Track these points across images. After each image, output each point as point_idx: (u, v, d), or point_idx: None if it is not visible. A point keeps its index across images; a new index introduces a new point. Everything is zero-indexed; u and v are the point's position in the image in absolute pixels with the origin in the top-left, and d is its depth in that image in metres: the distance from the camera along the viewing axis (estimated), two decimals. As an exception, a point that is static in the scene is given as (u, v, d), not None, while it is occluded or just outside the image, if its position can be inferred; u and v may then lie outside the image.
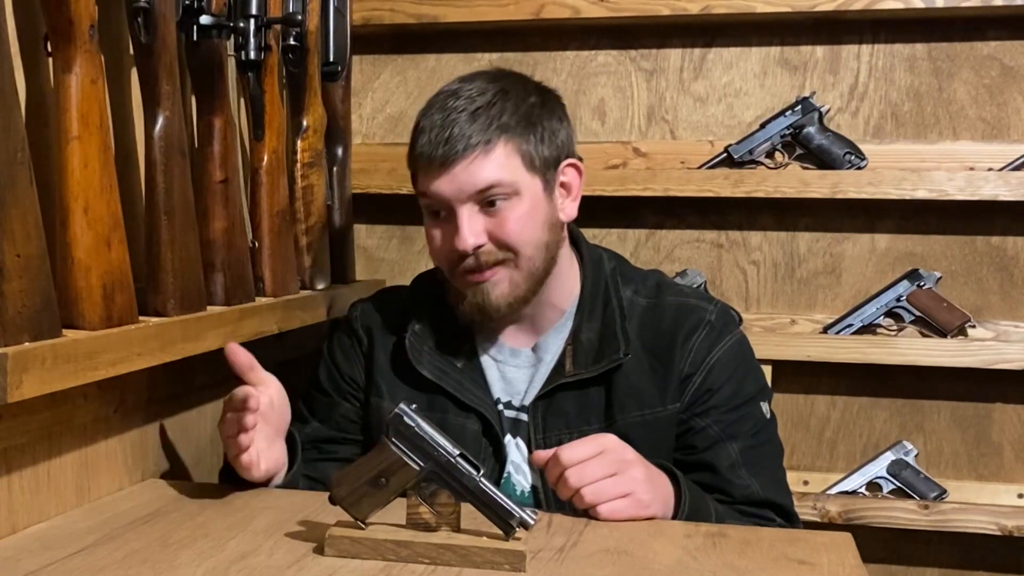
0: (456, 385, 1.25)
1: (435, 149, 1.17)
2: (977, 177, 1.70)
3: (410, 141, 1.23)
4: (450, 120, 1.17)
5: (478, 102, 1.19)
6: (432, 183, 1.18)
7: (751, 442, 1.23)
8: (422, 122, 1.21)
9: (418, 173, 1.22)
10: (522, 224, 1.19)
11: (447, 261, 1.22)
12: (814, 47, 1.83)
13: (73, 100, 1.01)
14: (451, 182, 1.17)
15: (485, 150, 1.17)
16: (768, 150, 1.81)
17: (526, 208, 1.19)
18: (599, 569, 0.94)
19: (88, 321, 1.02)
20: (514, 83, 1.24)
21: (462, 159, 1.16)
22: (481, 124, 1.17)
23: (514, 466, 1.25)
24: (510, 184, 1.18)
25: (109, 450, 1.16)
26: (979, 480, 1.81)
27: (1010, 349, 1.70)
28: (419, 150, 1.20)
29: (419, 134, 1.21)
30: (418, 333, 1.28)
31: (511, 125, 1.19)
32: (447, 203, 1.19)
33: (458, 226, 1.18)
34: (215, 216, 1.27)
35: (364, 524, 0.95)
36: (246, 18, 1.32)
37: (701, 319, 1.26)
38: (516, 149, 1.19)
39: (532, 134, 1.20)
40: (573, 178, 1.26)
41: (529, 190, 1.20)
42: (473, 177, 1.17)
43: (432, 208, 1.22)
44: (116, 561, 0.92)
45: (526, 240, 1.20)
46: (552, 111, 1.24)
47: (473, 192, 1.17)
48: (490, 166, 1.17)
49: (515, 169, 1.18)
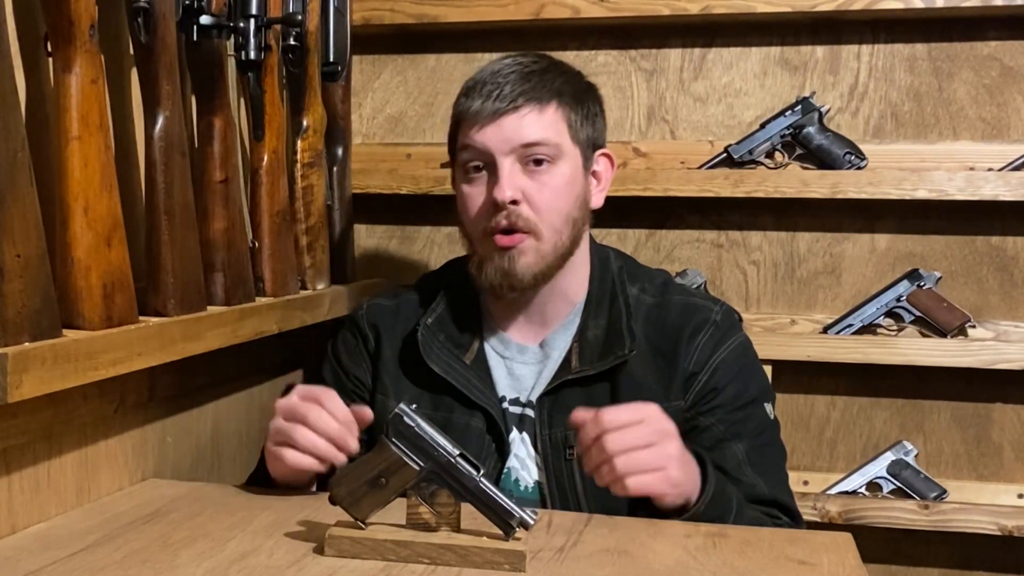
0: (463, 381, 1.26)
1: (486, 101, 1.20)
2: (977, 177, 1.70)
3: (455, 103, 1.26)
4: (504, 78, 1.21)
5: (532, 68, 1.23)
6: (478, 133, 1.20)
7: (755, 443, 1.23)
8: (468, 86, 1.24)
9: (462, 126, 1.23)
10: (559, 192, 1.21)
11: (479, 219, 1.23)
12: (814, 47, 1.83)
13: (73, 100, 1.01)
14: (498, 132, 1.19)
15: (539, 107, 1.20)
16: (768, 150, 1.81)
17: (566, 178, 1.22)
18: (599, 569, 0.94)
19: (88, 321, 1.02)
20: (567, 66, 1.29)
21: (514, 112, 1.19)
22: (535, 84, 1.21)
23: (519, 461, 1.26)
24: (556, 145, 1.20)
25: (109, 450, 1.16)
26: (979, 480, 1.81)
27: (1010, 349, 1.70)
28: (467, 104, 1.22)
29: (467, 93, 1.23)
30: (430, 327, 1.29)
31: (564, 92, 1.23)
32: (490, 155, 1.20)
33: (498, 178, 1.19)
34: (215, 216, 1.27)
35: (364, 524, 0.95)
36: (246, 18, 1.32)
37: (707, 319, 1.26)
38: (565, 116, 1.22)
39: (580, 108, 1.24)
40: (605, 168, 1.30)
41: (570, 160, 1.23)
42: (523, 130, 1.19)
43: (472, 162, 1.23)
44: (116, 561, 0.92)
45: (559, 209, 1.21)
46: (596, 99, 1.30)
47: (519, 144, 1.19)
48: (541, 123, 1.20)
49: (562, 133, 1.22)
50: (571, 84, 1.25)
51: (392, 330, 1.32)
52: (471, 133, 1.21)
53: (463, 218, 1.27)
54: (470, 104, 1.22)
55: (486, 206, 1.21)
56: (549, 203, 1.21)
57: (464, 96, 1.24)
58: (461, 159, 1.24)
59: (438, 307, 1.31)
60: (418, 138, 1.98)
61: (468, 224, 1.26)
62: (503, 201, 1.19)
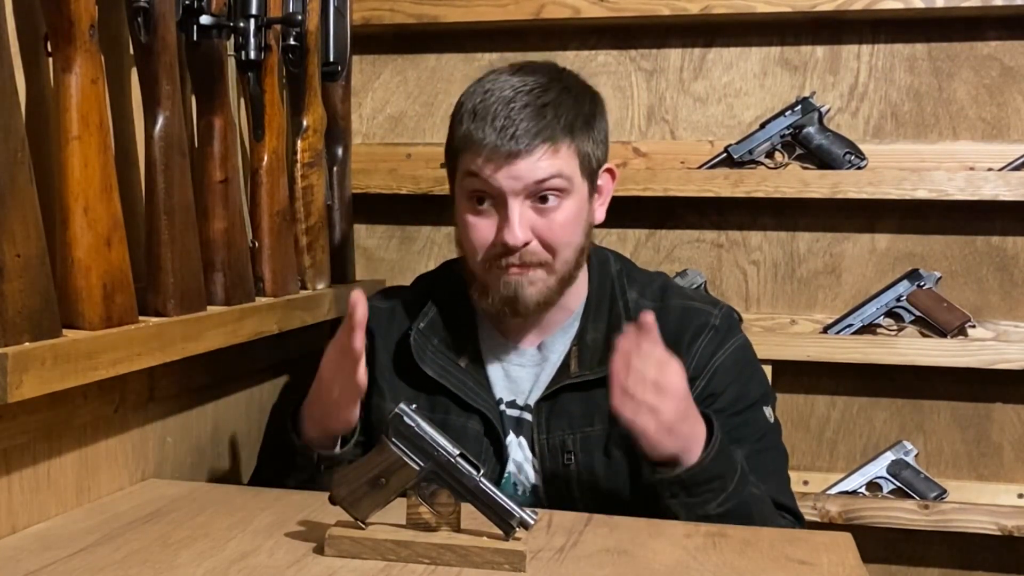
0: (459, 384, 1.25)
1: (500, 137, 1.15)
2: (977, 177, 1.70)
3: (457, 121, 1.21)
4: (518, 113, 1.16)
5: (543, 99, 1.18)
6: (489, 170, 1.16)
7: (756, 447, 1.22)
8: (477, 108, 1.18)
9: (468, 150, 1.18)
10: (568, 227, 1.19)
11: (484, 253, 1.20)
12: (814, 47, 1.83)
13: (73, 100, 1.01)
14: (510, 173, 1.15)
15: (553, 148, 1.17)
16: (768, 150, 1.81)
17: (574, 211, 1.20)
18: (599, 569, 0.94)
19: (88, 321, 1.02)
20: (572, 80, 1.24)
21: (529, 155, 1.15)
22: (550, 120, 1.17)
23: (516, 465, 1.25)
24: (568, 179, 1.18)
25: (109, 450, 1.15)
26: (979, 480, 1.81)
27: (1010, 349, 1.70)
28: (476, 132, 1.17)
29: (475, 117, 1.18)
30: (423, 331, 1.28)
31: (577, 127, 1.19)
32: (500, 194, 1.17)
33: (508, 219, 1.16)
34: (215, 216, 1.27)
35: (364, 524, 0.95)
36: (246, 18, 1.32)
37: (706, 323, 1.26)
38: (577, 151, 1.19)
39: (591, 136, 1.21)
40: (607, 183, 1.29)
41: (579, 192, 1.20)
42: (536, 172, 1.16)
43: (477, 194, 1.19)
44: (116, 561, 0.92)
45: (568, 242, 1.20)
46: (602, 112, 1.26)
47: (531, 183, 1.16)
48: (554, 163, 1.17)
49: (573, 168, 1.19)
50: (581, 110, 1.20)
51: (387, 333, 1.32)
52: (480, 164, 1.17)
53: (466, 246, 1.23)
54: (480, 135, 1.16)
55: (495, 245, 1.19)
56: (559, 239, 1.19)
57: (471, 119, 1.18)
58: (465, 184, 1.20)
59: (430, 311, 1.30)
60: (418, 138, 1.98)
61: (471, 252, 1.22)
62: (515, 244, 1.17)
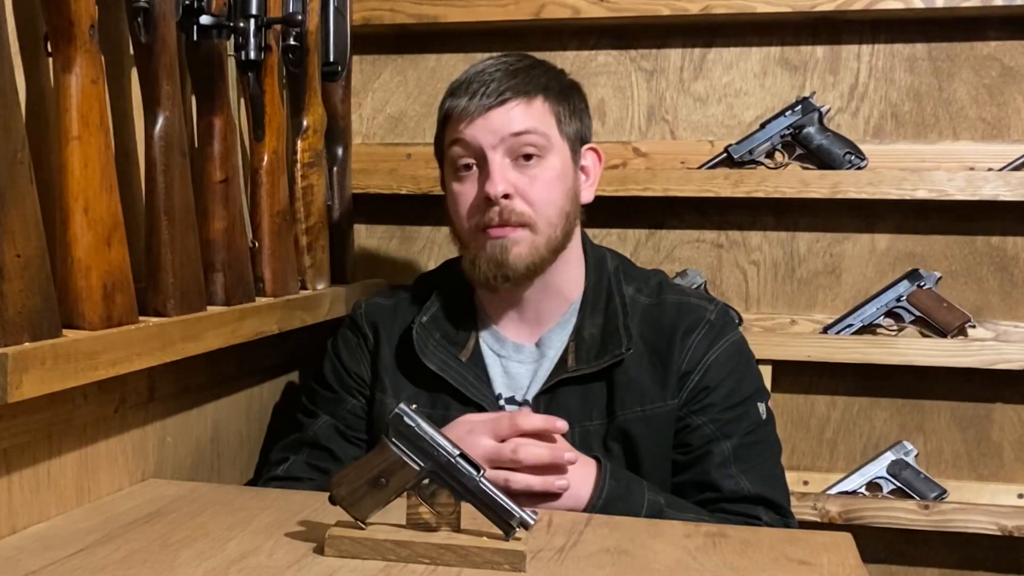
0: (459, 378, 1.26)
1: (473, 98, 1.21)
2: (977, 177, 1.70)
3: (441, 104, 1.27)
4: (490, 76, 1.23)
5: (517, 65, 1.25)
6: (467, 128, 1.21)
7: (745, 440, 1.23)
8: (454, 86, 1.26)
9: (449, 124, 1.25)
10: (550, 185, 1.22)
11: (470, 216, 1.24)
12: (814, 47, 1.83)
13: (73, 100, 1.01)
14: (487, 126, 1.21)
15: (527, 100, 1.22)
16: (768, 150, 1.81)
17: (556, 171, 1.23)
18: (599, 569, 0.94)
19: (88, 321, 1.02)
20: (549, 65, 1.31)
21: (501, 106, 1.21)
22: (522, 79, 1.23)
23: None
24: (544, 135, 1.22)
25: (109, 450, 1.16)
26: (979, 480, 1.81)
27: (1010, 349, 1.70)
28: (454, 103, 1.23)
29: (453, 93, 1.25)
30: (425, 325, 1.29)
31: (550, 87, 1.25)
32: (479, 150, 1.21)
33: (489, 173, 1.20)
34: (215, 216, 1.27)
35: (364, 524, 0.95)
36: (246, 18, 1.32)
37: (701, 318, 1.27)
38: (552, 109, 1.24)
39: (567, 103, 1.26)
40: (593, 163, 1.31)
41: (559, 153, 1.24)
42: (511, 122, 1.21)
43: (461, 159, 1.24)
44: (116, 561, 0.92)
45: (551, 201, 1.22)
46: (581, 96, 1.32)
47: (508, 134, 1.20)
48: (529, 114, 1.22)
49: (550, 125, 1.23)
50: (556, 80, 1.28)
51: (390, 329, 1.33)
52: (459, 128, 1.22)
53: (454, 217, 1.27)
54: (457, 103, 1.23)
55: (477, 202, 1.22)
56: (541, 196, 1.21)
57: (450, 96, 1.26)
58: (450, 156, 1.25)
59: (432, 306, 1.32)
60: (418, 138, 1.98)
61: (459, 222, 1.26)
62: (495, 196, 1.19)
